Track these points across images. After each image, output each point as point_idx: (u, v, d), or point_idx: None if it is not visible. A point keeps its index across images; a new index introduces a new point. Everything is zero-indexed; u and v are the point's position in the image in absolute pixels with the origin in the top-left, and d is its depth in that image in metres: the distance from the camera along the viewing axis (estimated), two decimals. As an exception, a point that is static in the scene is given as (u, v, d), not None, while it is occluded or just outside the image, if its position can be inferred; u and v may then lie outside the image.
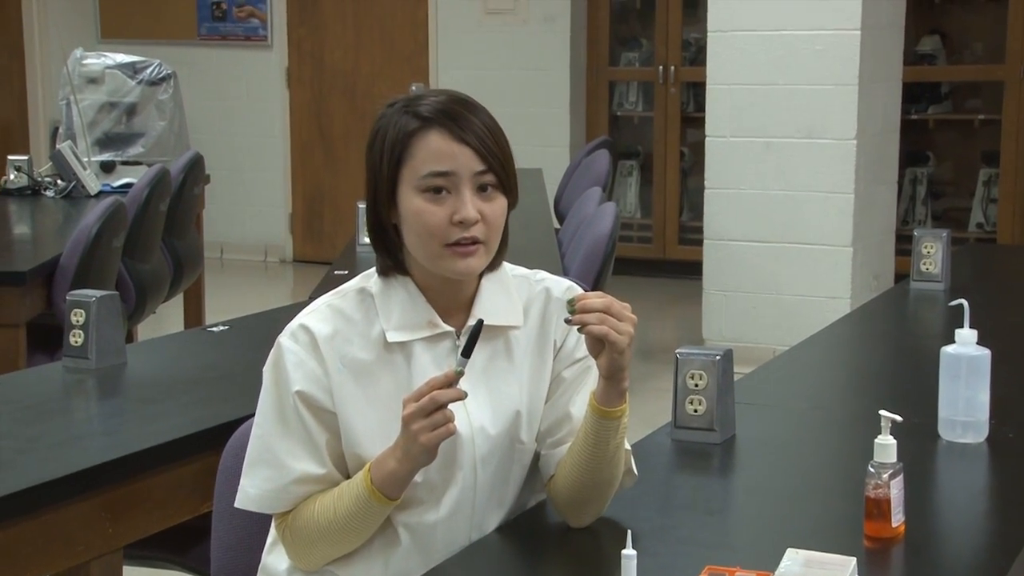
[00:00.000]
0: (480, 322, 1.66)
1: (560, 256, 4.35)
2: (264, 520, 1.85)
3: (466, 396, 1.65)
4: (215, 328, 3.19)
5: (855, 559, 1.55)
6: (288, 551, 1.79)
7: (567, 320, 1.70)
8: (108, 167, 5.77)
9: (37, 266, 3.94)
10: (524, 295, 1.85)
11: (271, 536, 1.83)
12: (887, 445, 1.72)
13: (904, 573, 1.70)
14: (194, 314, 5.71)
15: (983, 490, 2.07)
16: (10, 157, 5.50)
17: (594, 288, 3.72)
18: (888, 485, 1.71)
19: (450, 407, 1.65)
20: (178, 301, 5.64)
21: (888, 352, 3.07)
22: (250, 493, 1.77)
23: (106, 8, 8.76)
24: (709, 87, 5.84)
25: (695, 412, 2.19)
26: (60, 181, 5.38)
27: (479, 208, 1.73)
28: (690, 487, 2.06)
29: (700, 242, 6.03)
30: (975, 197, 7.46)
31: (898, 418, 1.74)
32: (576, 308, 1.68)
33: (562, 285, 1.87)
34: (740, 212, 5.79)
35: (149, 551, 2.60)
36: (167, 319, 6.15)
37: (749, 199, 5.77)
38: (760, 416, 2.40)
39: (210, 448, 2.31)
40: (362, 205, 4.48)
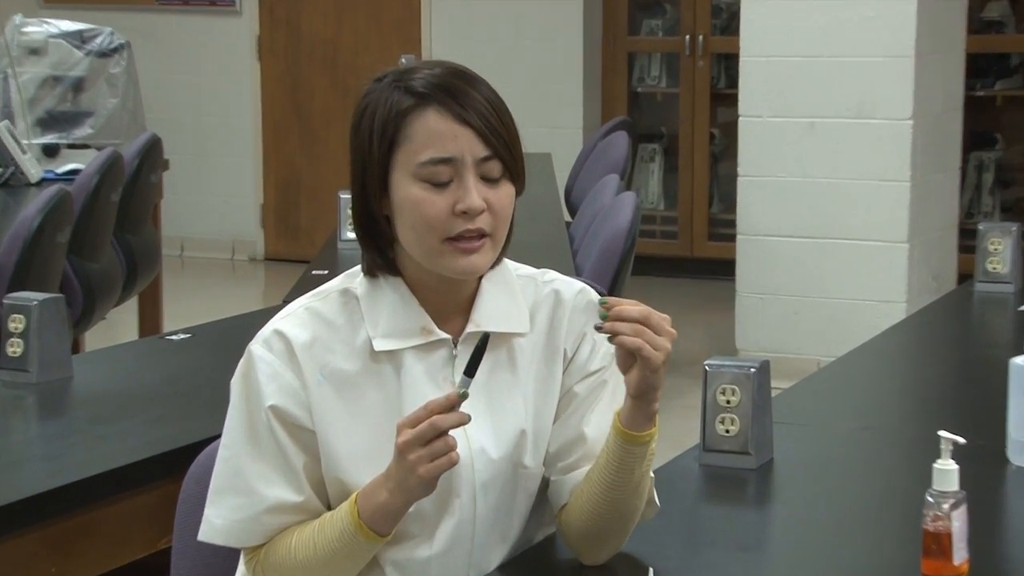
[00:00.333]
0: (486, 336, 1.66)
1: (572, 254, 4.36)
2: (232, 556, 1.85)
3: (469, 420, 1.65)
4: (175, 336, 3.20)
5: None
6: (259, 592, 1.79)
7: (597, 327, 1.71)
8: (51, 151, 5.77)
9: (-31, 265, 3.95)
10: (530, 298, 1.85)
11: (239, 574, 1.83)
12: (948, 471, 1.73)
13: (967, 618, 1.70)
14: (151, 320, 5.71)
15: (1059, 523, 2.07)
16: (-62, 140, 5.51)
17: (611, 291, 3.72)
18: (949, 517, 1.71)
19: (451, 432, 1.65)
20: (132, 305, 5.65)
21: (949, 364, 3.07)
22: (216, 524, 1.77)
23: (50, -32, 8.78)
24: (743, 59, 5.84)
25: (727, 433, 2.19)
26: (-4, 167, 5.39)
27: (484, 196, 1.73)
28: (720, 519, 2.06)
29: (732, 237, 6.03)
30: (1050, 185, 7.46)
31: (961, 440, 1.74)
32: (610, 314, 1.69)
33: (574, 287, 1.88)
34: (779, 203, 5.79)
35: (99, 593, 2.60)
36: (120, 326, 6.16)
37: (789, 188, 5.77)
38: (801, 438, 2.40)
39: (169, 474, 2.31)
40: (345, 195, 4.49)
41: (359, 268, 1.83)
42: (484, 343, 1.65)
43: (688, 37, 7.83)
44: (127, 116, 6.03)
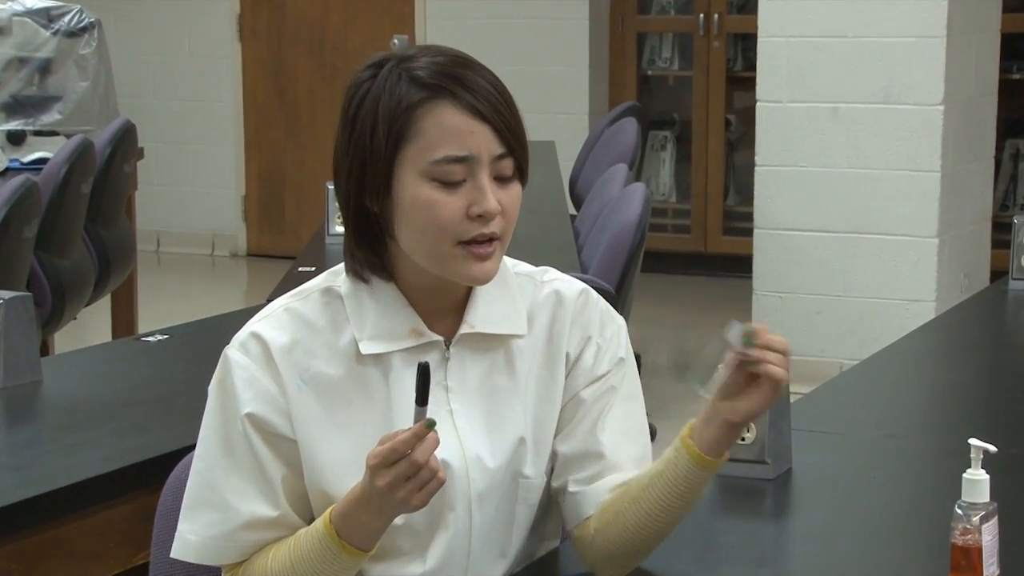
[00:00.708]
0: (426, 365, 1.62)
1: (577, 249, 4.37)
2: (214, 572, 1.86)
3: (439, 443, 1.64)
4: (151, 338, 3.20)
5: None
6: (238, 611, 1.80)
7: (740, 354, 1.69)
8: (17, 138, 5.78)
9: (-69, 261, 3.96)
10: (528, 298, 1.86)
11: (219, 593, 1.84)
12: (979, 481, 1.73)
13: (999, 639, 1.72)
14: (125, 320, 5.72)
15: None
16: None
17: (618, 290, 3.74)
18: (979, 530, 1.72)
19: (439, 433, 1.65)
20: (105, 304, 5.66)
21: (981, 368, 3.08)
22: (190, 541, 1.78)
23: (15, -58, 8.79)
24: (761, 40, 5.85)
25: (742, 441, 2.20)
26: (-41, 156, 5.41)
27: (497, 198, 1.73)
28: (737, 532, 2.07)
29: (749, 232, 6.04)
30: (1091, 176, 7.47)
31: (992, 448, 1.75)
32: (759, 342, 1.68)
33: (575, 287, 1.88)
34: (799, 195, 5.80)
35: (70, 612, 2.61)
36: (91, 326, 6.17)
37: (810, 179, 5.78)
38: (822, 446, 2.41)
39: (146, 486, 2.32)
40: (332, 186, 4.49)
41: (343, 266, 1.83)
42: (426, 373, 1.62)
43: (702, 16, 7.84)
44: (98, 101, 6.04)
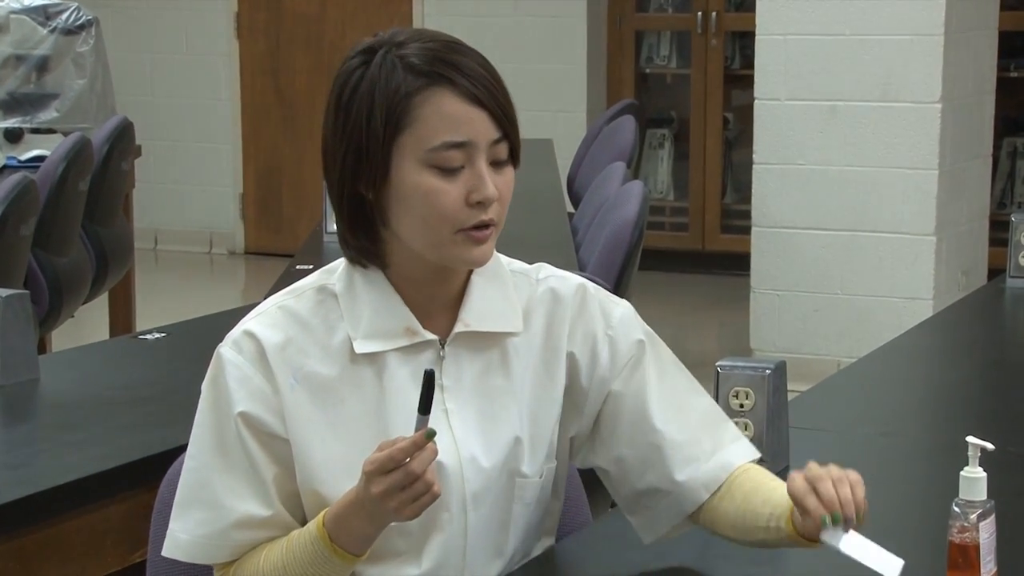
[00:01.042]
0: (431, 373, 1.63)
1: (575, 247, 4.37)
2: (210, 572, 1.86)
3: (437, 454, 1.64)
4: (148, 336, 3.21)
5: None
6: (230, 611, 1.80)
7: (830, 541, 1.65)
8: (14, 136, 5.78)
9: (-72, 259, 3.96)
10: (524, 295, 1.85)
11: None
12: (976, 479, 1.74)
13: (996, 637, 1.72)
14: (122, 318, 5.72)
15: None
16: None
17: (615, 288, 3.73)
18: (976, 528, 1.72)
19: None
20: (102, 302, 5.65)
21: (978, 365, 3.08)
22: (181, 539, 1.78)
23: (12, -60, 8.79)
24: (759, 38, 5.85)
25: (740, 439, 2.20)
26: (-44, 154, 5.41)
27: (494, 183, 1.73)
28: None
29: (747, 230, 6.04)
30: (1089, 174, 7.47)
31: (989, 446, 1.75)
32: (840, 517, 1.64)
33: (570, 284, 1.88)
34: (797, 193, 5.80)
35: (67, 611, 2.61)
36: (89, 324, 6.17)
37: (808, 177, 5.78)
38: (819, 444, 2.41)
39: (143, 484, 2.32)
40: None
41: (337, 264, 1.83)
42: (431, 380, 1.62)
43: (700, 14, 7.84)
44: (95, 98, 6.03)
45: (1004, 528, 1.79)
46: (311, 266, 3.78)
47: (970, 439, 1.75)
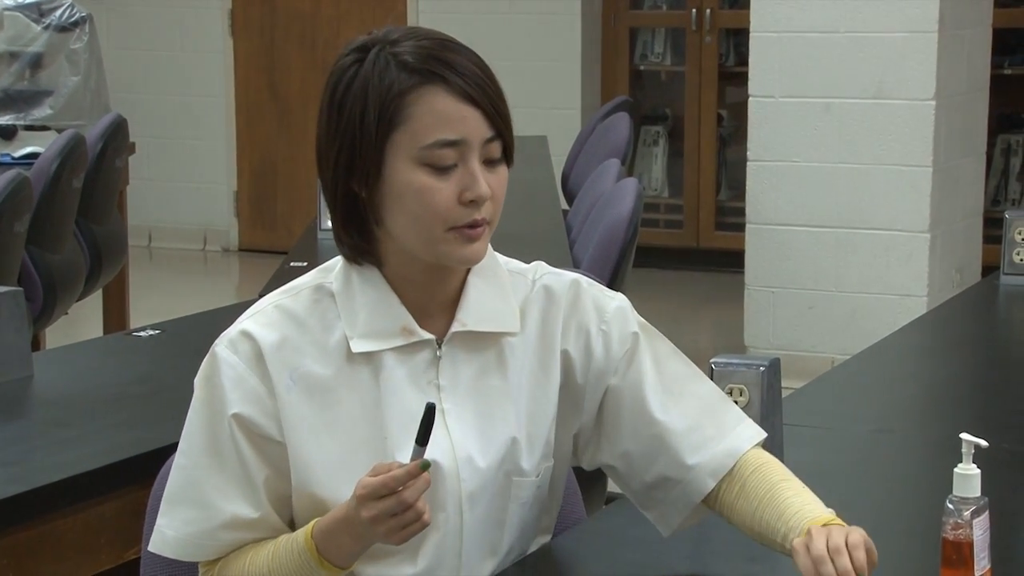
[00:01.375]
0: (432, 406, 1.63)
1: (569, 244, 4.37)
2: (203, 569, 1.86)
3: (430, 485, 1.65)
4: (142, 333, 3.20)
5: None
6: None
7: None
8: (8, 133, 5.77)
9: (-78, 256, 3.96)
10: (520, 295, 1.85)
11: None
12: (970, 476, 1.74)
13: (990, 633, 1.72)
14: (116, 315, 5.72)
15: (1088, 532, 2.08)
16: None
17: (610, 285, 3.73)
18: (970, 525, 1.72)
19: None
20: (96, 299, 5.65)
21: (972, 362, 3.08)
22: (168, 536, 1.78)
23: (6, -64, 8.78)
24: (753, 35, 5.85)
25: (734, 436, 2.20)
26: (-51, 151, 5.40)
27: (487, 182, 1.73)
28: (728, 528, 2.07)
29: (742, 227, 6.04)
30: (1083, 171, 7.48)
31: (983, 443, 1.75)
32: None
33: (564, 280, 1.87)
34: (791, 190, 5.80)
35: (61, 608, 2.61)
36: (83, 321, 6.16)
37: (802, 174, 5.78)
38: (814, 441, 2.41)
39: (137, 481, 2.32)
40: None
41: (334, 262, 1.82)
42: (431, 414, 1.62)
43: (694, 11, 7.84)
44: (89, 95, 6.03)
45: (998, 525, 1.79)
46: (305, 263, 3.79)
47: (964, 436, 1.75)
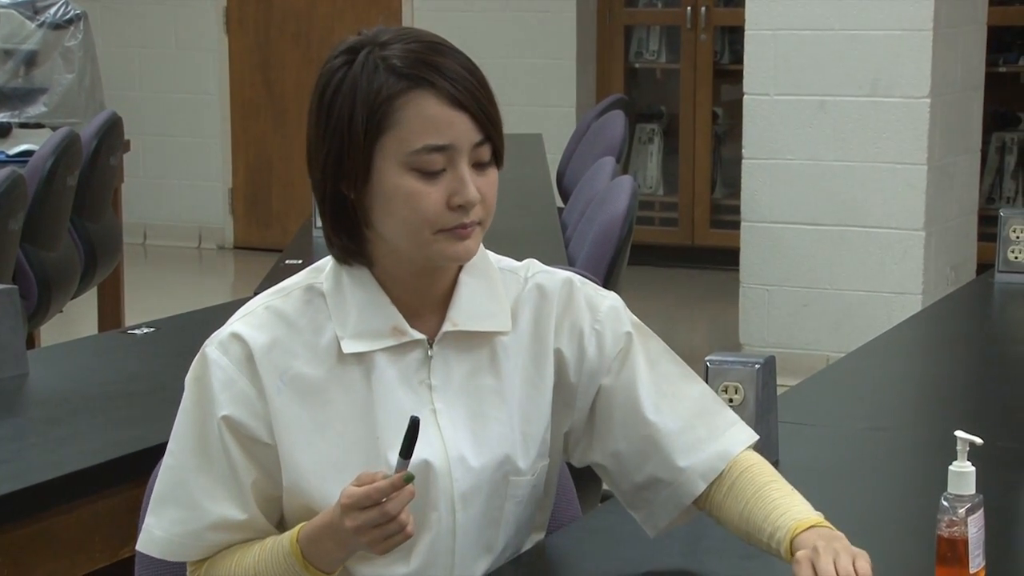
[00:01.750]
0: (416, 420, 1.63)
1: (564, 242, 4.37)
2: (197, 567, 1.86)
3: (414, 496, 1.65)
4: (137, 331, 3.20)
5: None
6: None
7: None
8: (2, 130, 5.77)
9: (-84, 254, 3.96)
10: (513, 294, 1.85)
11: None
12: (964, 473, 1.74)
13: (984, 630, 1.72)
14: (111, 313, 5.72)
15: (1082, 529, 2.09)
16: None
17: (605, 283, 3.73)
18: (965, 522, 1.72)
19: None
20: (91, 297, 5.65)
21: (967, 360, 3.08)
22: (156, 536, 1.78)
23: (1, -66, 8.77)
24: (748, 33, 5.85)
25: (729, 434, 2.20)
26: (-57, 149, 5.40)
27: (477, 186, 1.73)
28: (723, 526, 2.08)
29: (736, 225, 6.05)
30: (1077, 169, 7.49)
31: (978, 440, 1.75)
32: None
33: (557, 279, 1.87)
34: (786, 188, 5.80)
35: (56, 606, 2.61)
36: (78, 319, 6.16)
37: (797, 172, 5.79)
38: (809, 438, 2.42)
39: (132, 479, 2.32)
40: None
41: (324, 262, 1.82)
42: (415, 428, 1.62)
43: (689, 9, 7.84)
44: (84, 93, 6.03)
45: (992, 522, 1.79)
46: (300, 261, 3.79)
47: (959, 433, 1.75)
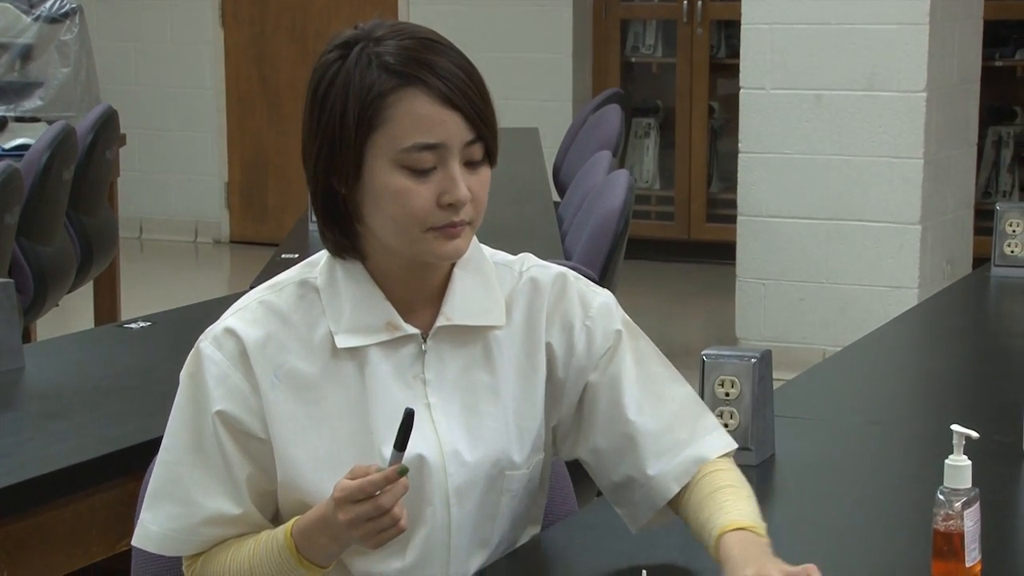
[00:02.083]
0: (411, 412, 1.63)
1: (560, 236, 4.37)
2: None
3: (408, 490, 1.65)
4: (133, 325, 3.20)
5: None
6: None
7: None
8: (-1, 125, 5.76)
9: (-88, 248, 3.95)
10: (507, 288, 1.85)
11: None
12: (961, 467, 1.74)
13: (980, 624, 1.72)
14: (107, 307, 5.72)
15: (1078, 523, 2.09)
16: None
17: (602, 277, 3.73)
18: (961, 516, 1.72)
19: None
20: (87, 291, 5.65)
21: (963, 354, 3.08)
22: (151, 531, 1.79)
23: (-4, -73, 8.75)
24: (744, 27, 5.85)
25: (726, 427, 2.20)
26: (-61, 143, 5.39)
27: (467, 184, 1.73)
28: (719, 520, 2.08)
29: (733, 219, 6.05)
30: (1073, 163, 7.49)
31: (974, 434, 1.76)
32: None
33: (550, 273, 1.87)
34: (783, 182, 5.81)
35: (52, 600, 2.61)
36: (74, 313, 6.16)
37: (794, 166, 5.79)
38: (805, 432, 2.42)
39: (128, 473, 2.32)
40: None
41: (319, 256, 1.82)
42: (409, 420, 1.62)
43: (686, 3, 7.84)
44: (80, 87, 6.02)
45: (988, 516, 1.80)
46: (296, 255, 3.79)
47: (955, 427, 1.76)
